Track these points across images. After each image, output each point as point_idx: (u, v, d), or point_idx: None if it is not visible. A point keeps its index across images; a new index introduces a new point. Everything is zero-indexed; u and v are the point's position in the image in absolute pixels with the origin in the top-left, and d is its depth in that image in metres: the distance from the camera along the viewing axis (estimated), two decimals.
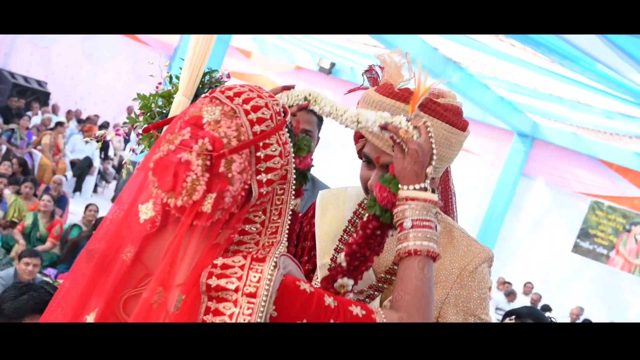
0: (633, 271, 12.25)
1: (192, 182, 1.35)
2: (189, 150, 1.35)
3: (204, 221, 1.38)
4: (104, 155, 13.42)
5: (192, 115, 1.41)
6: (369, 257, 1.76)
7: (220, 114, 1.40)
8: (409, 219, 1.61)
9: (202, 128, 1.38)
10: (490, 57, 8.34)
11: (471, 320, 1.84)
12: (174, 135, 1.38)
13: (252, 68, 15.85)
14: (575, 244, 12.79)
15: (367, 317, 1.45)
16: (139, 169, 1.48)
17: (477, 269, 1.86)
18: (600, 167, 12.45)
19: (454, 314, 1.83)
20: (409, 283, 1.55)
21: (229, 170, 1.37)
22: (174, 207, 1.38)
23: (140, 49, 16.29)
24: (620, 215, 12.44)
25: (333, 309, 1.43)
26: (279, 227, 1.49)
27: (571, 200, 12.90)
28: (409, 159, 1.64)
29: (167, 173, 1.36)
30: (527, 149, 13.00)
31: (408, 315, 1.51)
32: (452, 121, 1.73)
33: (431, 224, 1.62)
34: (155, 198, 1.42)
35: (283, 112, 1.50)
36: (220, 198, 1.37)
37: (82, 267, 1.48)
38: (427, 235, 1.61)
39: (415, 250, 1.57)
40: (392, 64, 1.77)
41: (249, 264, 1.41)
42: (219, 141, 1.37)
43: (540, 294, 12.17)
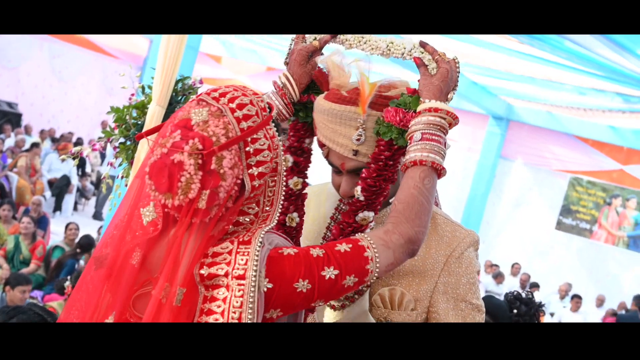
0: (617, 243, 12.37)
1: (186, 181, 1.42)
2: (181, 151, 1.42)
3: (201, 217, 1.45)
4: (82, 172, 13.30)
5: (181, 119, 1.48)
6: (385, 187, 1.78)
7: (207, 115, 1.47)
8: (419, 132, 1.66)
9: (191, 129, 1.45)
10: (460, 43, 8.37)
11: (462, 306, 1.84)
12: (165, 139, 1.45)
13: (223, 73, 15.80)
14: (558, 221, 12.89)
15: (355, 248, 1.53)
16: (136, 176, 1.55)
17: (464, 254, 1.86)
18: (577, 143, 12.55)
19: (444, 302, 1.83)
20: (405, 191, 1.62)
21: (221, 167, 1.44)
22: (172, 207, 1.44)
23: (109, 63, 16.18)
24: (600, 189, 12.55)
25: (322, 257, 1.50)
26: (270, 214, 1.57)
27: (550, 178, 12.99)
28: (438, 75, 1.72)
29: (163, 175, 1.43)
30: (504, 131, 13.07)
31: (394, 225, 1.58)
32: None
33: (440, 140, 1.67)
34: (154, 200, 1.49)
35: (268, 107, 1.57)
36: (214, 194, 1.44)
37: (92, 275, 1.55)
38: (435, 148, 1.65)
39: (420, 161, 1.64)
40: (334, 67, 1.75)
41: (236, 248, 1.48)
42: (208, 140, 1.44)
43: (529, 274, 12.25)
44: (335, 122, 1.73)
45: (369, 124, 1.71)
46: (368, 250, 1.54)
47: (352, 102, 1.71)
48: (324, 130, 1.78)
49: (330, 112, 1.73)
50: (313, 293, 1.49)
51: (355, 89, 1.72)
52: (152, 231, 1.51)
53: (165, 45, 3.00)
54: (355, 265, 1.51)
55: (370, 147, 1.73)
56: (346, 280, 1.51)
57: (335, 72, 1.75)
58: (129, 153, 2.85)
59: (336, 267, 1.50)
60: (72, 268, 7.36)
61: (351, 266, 1.51)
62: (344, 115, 1.71)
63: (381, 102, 1.71)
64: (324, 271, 1.49)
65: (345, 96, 1.72)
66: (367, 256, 1.53)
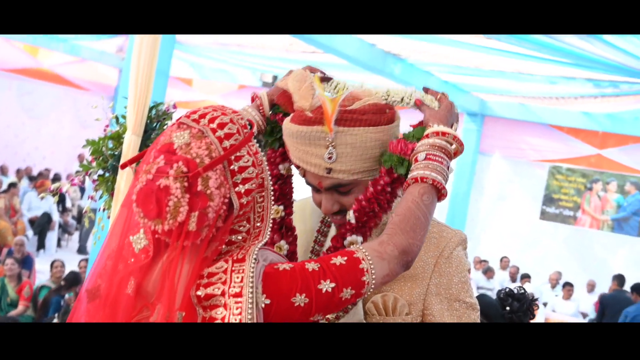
0: (602, 227, 12.46)
1: (174, 205, 1.42)
2: (166, 176, 1.42)
3: (192, 240, 1.45)
4: (62, 207, 13.19)
5: (163, 144, 1.48)
6: (378, 214, 1.77)
7: (189, 137, 1.47)
8: (423, 153, 1.70)
9: (174, 153, 1.45)
10: (428, 44, 8.41)
11: (456, 306, 1.83)
12: (149, 165, 1.45)
13: (195, 95, 15.76)
14: (541, 211, 12.96)
15: (350, 260, 1.53)
16: (122, 205, 1.55)
17: (453, 253, 1.86)
18: (552, 132, 12.64)
19: (438, 303, 1.82)
20: (403, 205, 1.64)
21: (207, 187, 1.44)
22: (162, 232, 1.44)
23: (79, 96, 16.10)
24: (580, 175, 12.65)
25: (318, 271, 1.50)
26: (262, 230, 1.58)
27: (530, 169, 13.08)
28: (442, 107, 1.78)
29: (150, 201, 1.43)
30: (479, 127, 13.14)
31: (389, 236, 1.59)
32: (374, 121, 1.71)
33: (443, 162, 1.69)
34: (144, 227, 1.48)
35: (249, 124, 1.58)
36: (204, 215, 1.43)
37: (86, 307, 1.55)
38: (438, 168, 1.68)
39: (421, 178, 1.67)
40: (296, 88, 1.74)
41: (231, 266, 1.48)
42: (192, 162, 1.44)
43: (517, 266, 12.31)
44: (305, 143, 1.72)
45: (338, 141, 1.69)
46: (363, 262, 1.53)
47: (318, 122, 1.69)
48: (295, 152, 1.78)
49: (298, 135, 1.72)
50: (311, 307, 1.48)
51: (319, 108, 1.71)
52: (144, 258, 1.51)
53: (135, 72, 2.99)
54: (351, 277, 1.51)
55: (344, 163, 1.72)
56: (343, 292, 1.50)
57: (297, 93, 1.74)
58: (108, 185, 2.83)
59: (332, 280, 1.49)
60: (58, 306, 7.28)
61: (347, 278, 1.51)
62: (312, 136, 1.70)
63: (347, 117, 1.69)
64: (321, 284, 1.49)
65: (310, 117, 1.71)
66: (362, 268, 1.53)
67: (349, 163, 1.71)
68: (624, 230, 12.27)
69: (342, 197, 1.78)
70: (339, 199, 1.79)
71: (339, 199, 1.79)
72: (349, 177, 1.73)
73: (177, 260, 1.45)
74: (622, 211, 12.31)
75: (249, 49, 11.06)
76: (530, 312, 3.04)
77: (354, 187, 1.77)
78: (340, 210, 1.80)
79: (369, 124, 1.70)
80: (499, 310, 3.00)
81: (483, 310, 2.97)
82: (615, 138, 12.19)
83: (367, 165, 1.74)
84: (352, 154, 1.70)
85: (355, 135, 1.69)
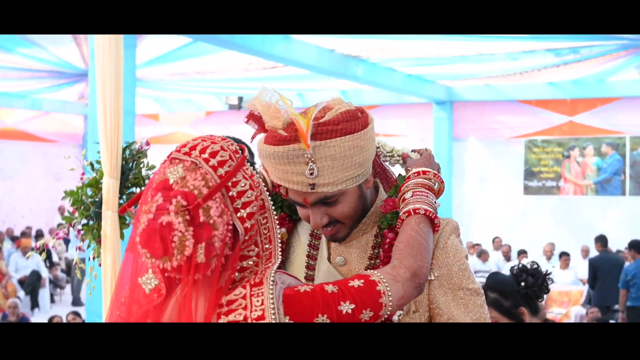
0: (585, 192, 12.57)
1: (179, 239, 1.41)
2: (167, 212, 1.42)
3: (203, 272, 1.44)
4: (50, 263, 13.06)
5: (158, 181, 1.48)
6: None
7: (183, 171, 1.48)
8: (410, 191, 1.78)
9: (171, 189, 1.45)
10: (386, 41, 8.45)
11: (461, 294, 1.82)
12: (148, 205, 1.45)
13: (164, 129, 15.70)
14: (524, 186, 13.04)
15: (367, 283, 1.55)
16: (127, 250, 1.54)
17: (448, 243, 1.85)
18: (522, 108, 12.74)
19: (442, 295, 1.81)
20: (404, 234, 1.69)
21: (210, 217, 1.43)
22: (172, 269, 1.43)
23: (48, 148, 15.99)
24: (556, 145, 12.75)
25: (337, 292, 1.51)
26: (272, 251, 1.58)
27: (506, 147, 13.16)
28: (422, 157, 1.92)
29: (155, 240, 1.42)
30: (450, 114, 13.21)
31: (400, 260, 1.63)
32: (350, 129, 1.69)
33: (429, 196, 1.78)
34: (152, 267, 1.48)
35: (240, 149, 1.58)
36: (210, 245, 1.43)
37: None
38: (425, 200, 1.76)
39: (414, 210, 1.73)
40: (265, 109, 1.71)
41: (250, 292, 1.49)
42: (190, 194, 1.44)
43: (509, 244, 12.37)
44: (284, 162, 1.69)
45: (317, 155, 1.66)
46: (380, 285, 1.55)
47: (293, 140, 1.66)
48: (274, 172, 1.74)
49: (275, 155, 1.69)
50: None
51: (291, 125, 1.67)
52: (157, 297, 1.51)
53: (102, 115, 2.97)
54: (369, 299, 1.53)
55: (327, 176, 1.69)
56: (363, 314, 1.52)
57: (267, 114, 1.70)
58: (94, 232, 2.80)
59: (352, 301, 1.51)
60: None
61: (366, 300, 1.52)
62: (290, 155, 1.67)
63: (322, 130, 1.66)
64: (341, 306, 1.49)
65: (284, 136, 1.67)
66: (379, 290, 1.55)
67: (331, 175, 1.69)
68: (607, 192, 12.38)
69: (330, 209, 1.76)
70: (327, 211, 1.77)
71: (326, 210, 1.77)
72: (334, 189, 1.71)
73: (191, 294, 1.45)
74: (603, 173, 12.41)
75: (208, 74, 11.04)
76: (545, 287, 3.05)
77: (340, 196, 1.75)
78: (329, 222, 1.79)
79: (344, 132, 1.68)
80: (514, 287, 3.00)
81: (498, 287, 2.99)
82: (583, 103, 12.31)
83: (350, 174, 1.72)
84: (332, 166, 1.68)
85: (333, 147, 1.67)
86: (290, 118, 1.68)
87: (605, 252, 10.31)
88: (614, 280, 9.57)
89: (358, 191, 1.78)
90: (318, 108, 1.70)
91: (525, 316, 2.97)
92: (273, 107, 1.69)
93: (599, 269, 9.92)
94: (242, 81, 11.65)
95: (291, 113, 1.68)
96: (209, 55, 9.37)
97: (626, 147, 12.22)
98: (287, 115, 1.69)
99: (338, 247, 1.89)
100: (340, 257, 1.88)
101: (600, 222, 12.23)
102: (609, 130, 12.28)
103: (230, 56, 9.27)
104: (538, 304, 3.06)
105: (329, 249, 1.92)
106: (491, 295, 2.96)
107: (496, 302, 2.96)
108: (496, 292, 2.99)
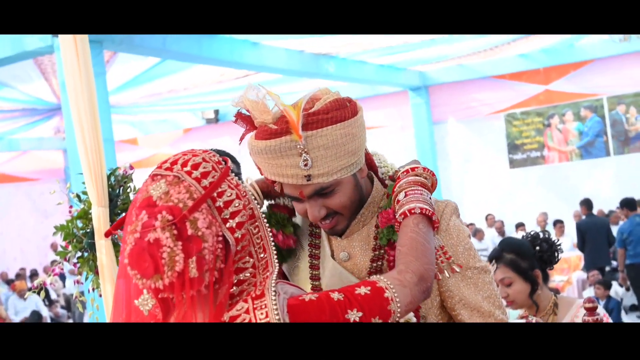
0: (571, 158, 12.62)
1: (168, 255, 1.36)
2: (153, 229, 1.37)
3: (197, 287, 1.39)
4: (48, 301, 12.97)
5: (142, 200, 1.44)
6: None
7: (166, 186, 1.44)
8: (402, 192, 1.76)
9: (155, 205, 1.41)
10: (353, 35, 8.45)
11: (469, 274, 1.83)
12: (134, 225, 1.40)
13: (144, 152, 15.64)
14: (510, 160, 13.09)
15: (374, 290, 1.52)
16: (118, 277, 1.51)
17: (450, 224, 1.85)
18: (497, 83, 12.79)
19: (452, 277, 1.82)
20: (405, 237, 1.67)
21: (197, 229, 1.39)
22: (164, 288, 1.38)
23: (31, 187, 15.88)
24: (535, 115, 12.80)
25: (344, 300, 1.48)
26: (268, 260, 1.54)
27: (486, 124, 13.20)
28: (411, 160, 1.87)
29: (144, 259, 1.37)
30: (426, 99, 13.24)
31: (406, 265, 1.60)
32: (340, 117, 1.68)
33: (423, 192, 1.75)
34: (145, 288, 1.43)
35: (223, 160, 1.55)
36: (201, 258, 1.38)
37: None
38: (420, 198, 1.73)
39: (409, 210, 1.71)
40: (253, 105, 1.70)
41: (252, 305, 1.46)
42: (175, 208, 1.40)
43: (502, 220, 12.41)
44: (277, 157, 1.68)
45: (309, 146, 1.66)
46: (387, 291, 1.52)
47: (285, 132, 1.65)
48: (268, 168, 1.73)
49: (267, 150, 1.68)
50: None
51: (281, 118, 1.67)
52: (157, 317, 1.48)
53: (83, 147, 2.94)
54: (377, 306, 1.50)
55: (321, 166, 1.68)
56: (371, 322, 1.48)
57: (255, 109, 1.70)
58: (90, 264, 2.78)
59: (359, 309, 1.48)
60: None
61: (374, 308, 1.49)
62: (282, 147, 1.66)
63: (312, 120, 1.66)
64: (348, 314, 1.46)
65: (275, 129, 1.66)
66: (387, 297, 1.52)
67: (325, 165, 1.69)
68: (592, 155, 12.44)
69: (327, 200, 1.75)
70: (324, 203, 1.75)
71: (323, 202, 1.75)
72: (329, 179, 1.70)
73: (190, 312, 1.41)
74: (585, 137, 12.47)
75: (181, 91, 11.01)
76: (557, 254, 3.14)
77: (336, 186, 1.74)
78: (327, 214, 1.78)
79: (335, 121, 1.67)
80: (530, 249, 3.09)
81: (515, 249, 3.08)
82: (556, 70, 12.36)
83: (344, 162, 1.71)
84: (326, 155, 1.68)
85: (324, 136, 1.66)
86: (280, 112, 1.68)
87: (590, 215, 10.37)
88: (602, 242, 9.67)
89: (353, 180, 1.77)
90: (306, 99, 1.70)
91: (540, 279, 3.04)
92: (261, 103, 1.69)
93: (586, 233, 10.00)
94: (216, 94, 11.62)
95: (280, 104, 1.67)
96: (179, 72, 9.35)
97: (604, 108, 12.29)
98: (276, 109, 1.69)
99: (340, 242, 1.89)
100: (343, 252, 1.88)
101: (589, 185, 12.30)
102: (585, 94, 12.34)
103: (201, 70, 9.25)
104: (548, 272, 3.13)
105: (331, 246, 1.91)
106: (508, 256, 3.04)
107: (513, 262, 3.03)
108: (513, 253, 3.06)
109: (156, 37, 7.22)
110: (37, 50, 6.75)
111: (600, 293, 8.41)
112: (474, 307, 1.82)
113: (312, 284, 1.90)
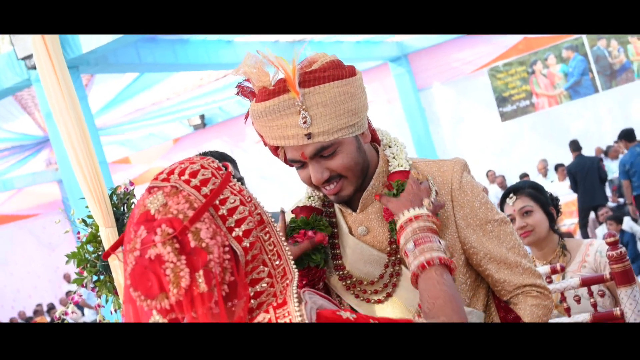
0: (560, 101, 12.62)
1: (172, 271, 1.25)
2: (153, 244, 1.26)
3: (208, 302, 1.27)
4: None
5: (139, 215, 1.32)
6: None
7: (163, 197, 1.32)
8: (410, 242, 1.67)
9: (154, 219, 1.29)
10: None
11: (490, 228, 1.83)
12: (132, 242, 1.29)
13: (138, 169, 15.62)
14: (500, 114, 13.08)
15: None
16: (123, 301, 1.38)
17: (462, 181, 1.85)
18: (475, 39, 12.74)
19: (472, 233, 1.83)
20: (435, 289, 1.56)
21: (201, 241, 1.28)
22: (172, 308, 1.27)
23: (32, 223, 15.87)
24: (517, 65, 12.79)
25: None
26: (285, 267, 1.43)
27: (472, 81, 13.18)
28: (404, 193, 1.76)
29: (147, 278, 1.27)
30: (408, 68, 13.21)
31: (448, 318, 1.51)
32: (337, 75, 1.68)
33: (433, 239, 1.66)
34: (153, 309, 1.31)
35: (223, 166, 1.44)
36: (208, 271, 1.27)
37: None
38: (433, 247, 1.64)
39: (427, 261, 1.61)
40: (253, 72, 1.70)
41: (274, 315, 1.37)
42: (175, 220, 1.28)
43: (503, 175, 12.42)
44: (276, 117, 1.68)
45: (307, 103, 1.65)
46: None
47: (283, 91, 1.66)
48: (269, 132, 1.73)
49: (267, 111, 1.68)
50: None
51: (279, 80, 1.68)
52: None
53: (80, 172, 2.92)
54: None
55: (321, 124, 1.68)
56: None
57: (254, 75, 1.70)
58: (108, 285, 2.77)
59: None
60: None
61: None
62: (281, 106, 1.66)
63: (309, 78, 1.66)
64: None
65: (272, 89, 1.67)
66: None
67: (325, 123, 1.68)
68: (581, 94, 12.43)
69: (329, 162, 1.74)
70: (326, 164, 1.74)
71: (325, 164, 1.74)
72: (330, 138, 1.70)
73: None
74: (571, 77, 12.46)
75: (164, 102, 10.98)
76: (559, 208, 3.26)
77: (338, 147, 1.72)
78: (330, 177, 1.76)
79: (332, 79, 1.67)
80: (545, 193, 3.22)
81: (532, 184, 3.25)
82: None
83: (344, 122, 1.70)
84: (325, 113, 1.67)
85: (322, 92, 1.65)
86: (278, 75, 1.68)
87: (580, 156, 10.35)
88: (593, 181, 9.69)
89: (355, 142, 1.76)
90: (304, 60, 1.71)
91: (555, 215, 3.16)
92: (259, 67, 1.70)
93: (577, 174, 9.99)
94: (199, 98, 11.59)
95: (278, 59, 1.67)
96: (159, 83, 9.32)
97: (585, 46, 12.27)
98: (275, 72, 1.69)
99: (357, 218, 1.88)
100: (361, 227, 1.87)
101: (582, 125, 12.30)
102: (564, 35, 12.32)
103: (180, 77, 9.23)
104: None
105: (348, 223, 1.90)
106: (528, 190, 3.16)
107: (533, 194, 3.15)
108: (532, 188, 3.20)
109: (130, 51, 7.19)
110: (15, 86, 6.73)
111: (613, 228, 8.41)
112: (500, 260, 1.82)
113: (335, 264, 1.89)
